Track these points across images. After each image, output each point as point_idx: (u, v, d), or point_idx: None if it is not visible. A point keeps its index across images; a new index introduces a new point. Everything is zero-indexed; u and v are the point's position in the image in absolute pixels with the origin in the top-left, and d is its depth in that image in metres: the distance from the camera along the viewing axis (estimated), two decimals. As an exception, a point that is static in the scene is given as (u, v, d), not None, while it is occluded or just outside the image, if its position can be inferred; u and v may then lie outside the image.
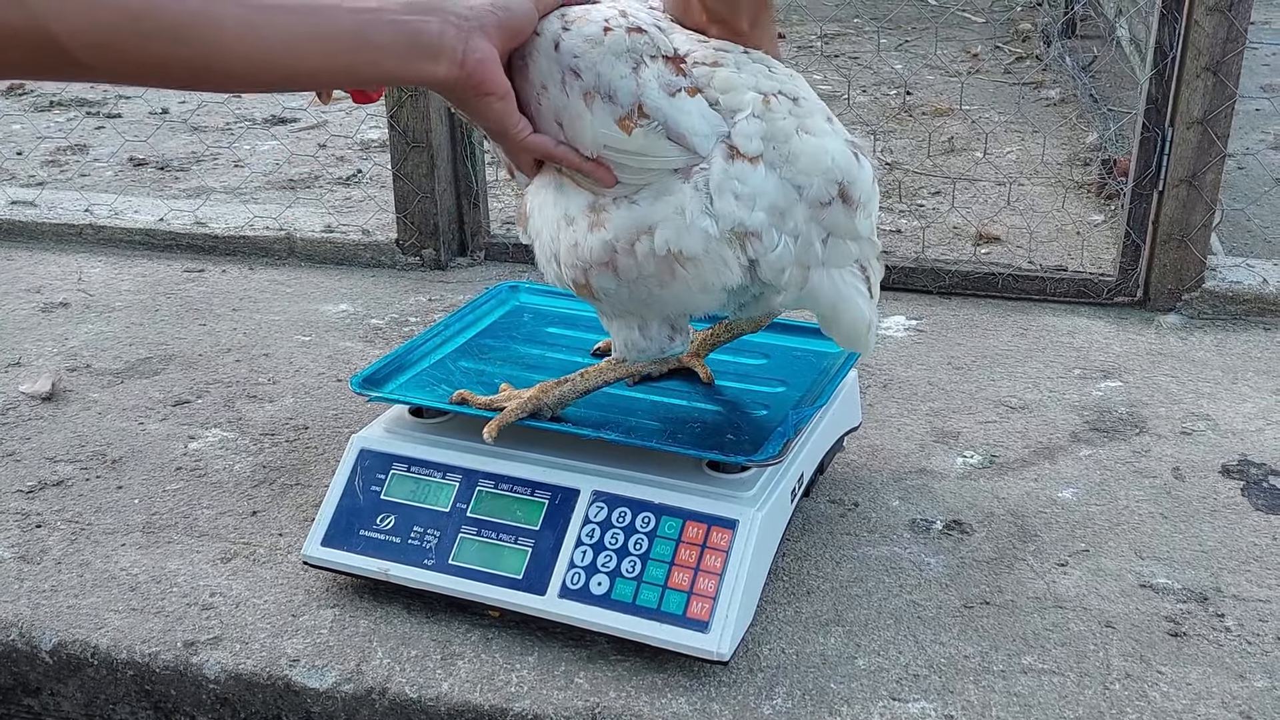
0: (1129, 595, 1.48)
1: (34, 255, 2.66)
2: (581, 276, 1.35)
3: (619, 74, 1.27)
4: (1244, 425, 1.87)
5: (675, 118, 1.26)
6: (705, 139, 1.27)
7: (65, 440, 1.88)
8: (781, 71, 1.34)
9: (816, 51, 4.54)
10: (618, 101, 1.27)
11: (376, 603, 1.48)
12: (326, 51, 1.13)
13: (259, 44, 1.07)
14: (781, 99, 1.29)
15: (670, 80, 1.27)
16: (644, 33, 1.28)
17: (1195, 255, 2.24)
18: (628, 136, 1.27)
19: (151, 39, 1.01)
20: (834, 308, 1.33)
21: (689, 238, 1.27)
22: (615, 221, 1.31)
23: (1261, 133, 3.47)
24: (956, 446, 1.82)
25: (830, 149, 1.28)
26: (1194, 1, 2.10)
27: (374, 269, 2.58)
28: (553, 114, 1.30)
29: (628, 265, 1.32)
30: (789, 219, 1.28)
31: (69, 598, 1.51)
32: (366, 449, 1.52)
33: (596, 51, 1.27)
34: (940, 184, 3.07)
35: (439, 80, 1.21)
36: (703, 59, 1.29)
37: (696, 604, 1.33)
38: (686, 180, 1.28)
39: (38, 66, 0.98)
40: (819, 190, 1.28)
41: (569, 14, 1.30)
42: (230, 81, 1.09)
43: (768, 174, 1.27)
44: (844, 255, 1.32)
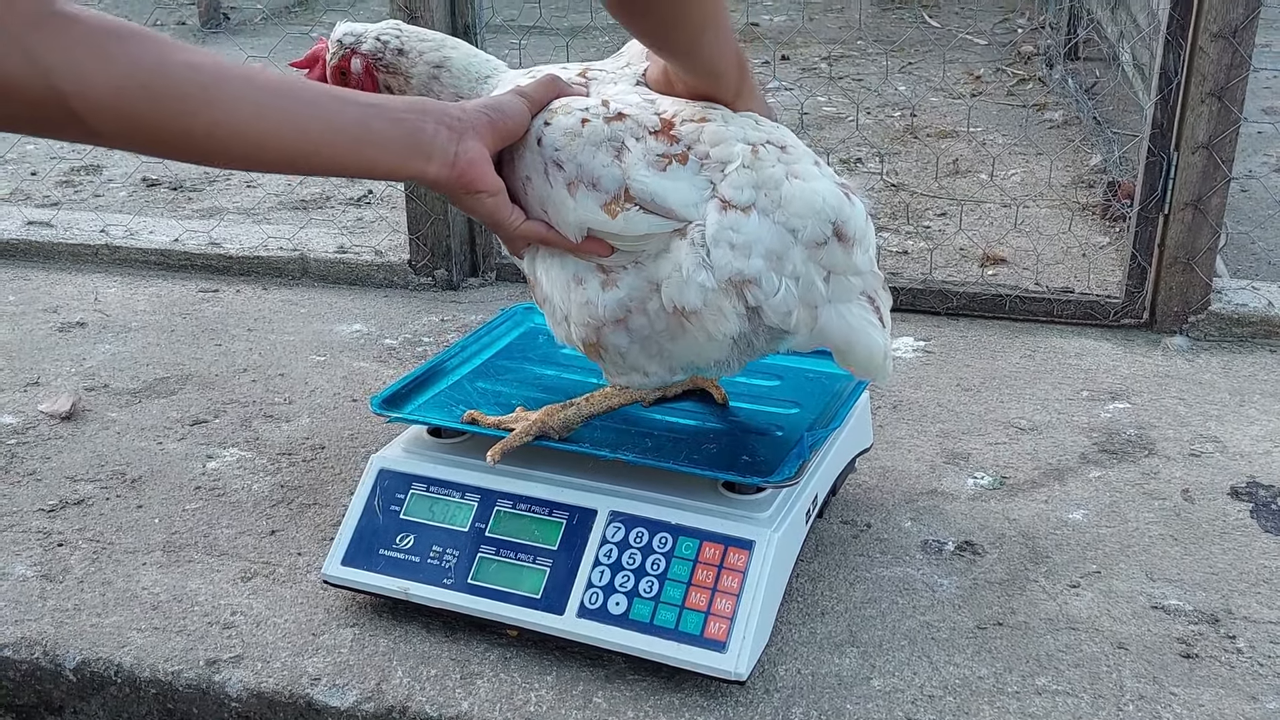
0: (1141, 617, 1.50)
1: (50, 275, 2.69)
2: (593, 335, 1.39)
3: (601, 163, 1.32)
4: (1252, 447, 1.89)
5: (663, 194, 1.31)
6: (694, 206, 1.31)
7: (85, 459, 1.90)
8: (768, 124, 1.38)
9: (821, 74, 4.57)
10: (602, 189, 1.32)
11: (396, 622, 1.50)
12: (331, 141, 1.16)
13: (268, 126, 1.11)
14: (769, 148, 1.33)
15: (659, 153, 1.32)
16: (625, 118, 1.33)
17: (1201, 278, 2.26)
18: (612, 220, 1.31)
19: (161, 109, 1.02)
20: (848, 341, 1.35)
21: (687, 292, 1.31)
22: (627, 280, 1.36)
23: (1265, 155, 3.49)
24: (967, 468, 1.84)
25: (821, 190, 1.31)
26: (1198, 28, 2.12)
27: (387, 289, 2.60)
28: (538, 203, 1.36)
29: (641, 323, 1.36)
30: (787, 262, 1.30)
31: (91, 616, 1.53)
32: (386, 469, 1.54)
33: (576, 144, 1.33)
34: (946, 206, 3.09)
35: (431, 179, 1.26)
36: (691, 116, 1.34)
37: (714, 624, 1.35)
38: (684, 237, 1.32)
39: (45, 125, 0.99)
40: (814, 231, 1.30)
41: (551, 106, 1.36)
42: (233, 158, 1.11)
43: (761, 220, 1.30)
44: (849, 290, 1.34)
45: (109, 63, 0.98)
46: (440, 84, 1.49)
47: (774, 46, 5.04)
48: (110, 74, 0.98)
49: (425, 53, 1.49)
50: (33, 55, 0.92)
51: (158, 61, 1.02)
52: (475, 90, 1.49)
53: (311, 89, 1.18)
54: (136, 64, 1.00)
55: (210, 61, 1.07)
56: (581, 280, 1.38)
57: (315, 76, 1.53)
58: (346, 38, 1.51)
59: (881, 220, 3.01)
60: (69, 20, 0.95)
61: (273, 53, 4.14)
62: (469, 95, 1.48)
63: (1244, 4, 2.09)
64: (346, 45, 1.51)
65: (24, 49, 0.92)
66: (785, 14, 5.83)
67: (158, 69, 1.02)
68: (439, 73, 1.49)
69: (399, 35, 1.50)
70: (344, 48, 1.51)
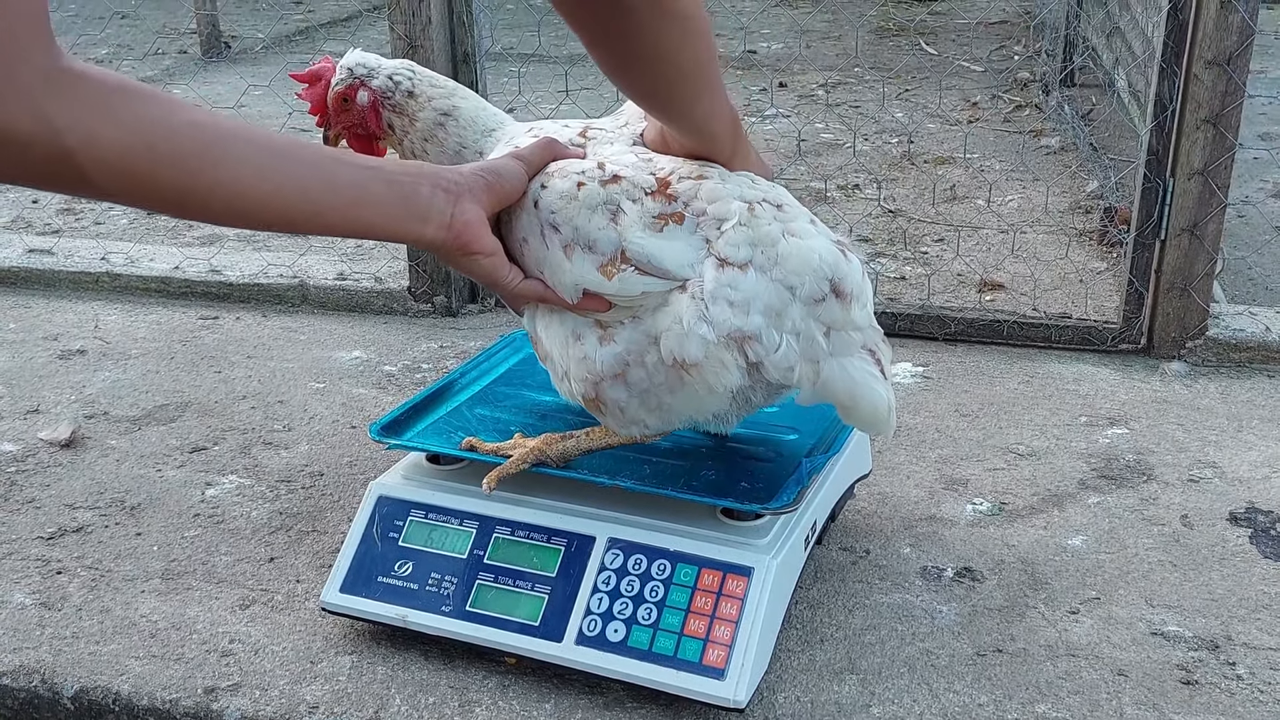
0: (1140, 643, 1.49)
1: (51, 303, 2.70)
2: (592, 390, 1.39)
3: (596, 226, 1.33)
4: (1250, 473, 1.89)
5: (659, 256, 1.32)
6: (690, 266, 1.32)
7: (84, 487, 1.90)
8: (764, 183, 1.39)
9: (819, 101, 4.60)
10: (598, 251, 1.33)
11: (394, 649, 1.49)
12: (330, 203, 1.18)
13: (269, 186, 1.12)
14: (765, 206, 1.35)
15: (655, 214, 1.33)
16: (621, 180, 1.35)
17: (1198, 304, 2.26)
18: (609, 281, 1.33)
19: (166, 168, 1.04)
20: (851, 395, 1.34)
21: (689, 344, 1.32)
22: (624, 334, 1.36)
23: (1261, 181, 3.51)
24: (966, 494, 1.84)
25: (817, 248, 1.32)
26: (1192, 55, 2.14)
27: (386, 316, 2.61)
28: (535, 264, 1.37)
29: (639, 376, 1.37)
30: (786, 318, 1.31)
31: (90, 644, 1.52)
32: (384, 495, 1.54)
33: (572, 207, 1.35)
34: (944, 231, 3.10)
35: (428, 240, 1.27)
36: (688, 174, 1.35)
37: (712, 651, 1.35)
38: (684, 291, 1.32)
39: (50, 179, 0.99)
40: (811, 288, 1.31)
41: (548, 170, 1.38)
42: (234, 217, 1.13)
43: (759, 278, 1.31)
44: (850, 344, 1.34)
45: (115, 121, 0.99)
46: (445, 131, 1.50)
47: (771, 74, 5.06)
48: (116, 132, 0.99)
49: (435, 99, 1.50)
50: (42, 111, 0.93)
51: (163, 120, 1.03)
52: (479, 143, 1.50)
53: (312, 150, 1.20)
54: (142, 122, 1.01)
55: (214, 121, 1.09)
56: (580, 336, 1.39)
57: (315, 95, 1.54)
58: (358, 68, 1.52)
59: (879, 246, 3.02)
60: (78, 77, 0.96)
61: (273, 81, 4.16)
62: (472, 146, 1.50)
63: (1237, 32, 2.10)
64: (357, 75, 1.51)
65: (34, 105, 0.93)
66: (783, 41, 5.86)
67: (163, 128, 1.03)
68: (445, 120, 1.50)
69: (411, 77, 1.51)
70: (353, 76, 1.51)
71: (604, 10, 1.10)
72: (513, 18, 6.04)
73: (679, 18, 1.13)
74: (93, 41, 5.92)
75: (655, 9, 1.10)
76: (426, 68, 1.55)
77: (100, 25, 6.30)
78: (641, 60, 1.17)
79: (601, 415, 1.43)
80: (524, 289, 1.37)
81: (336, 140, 1.56)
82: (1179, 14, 2.14)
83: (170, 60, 5.69)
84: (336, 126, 1.55)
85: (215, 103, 4.51)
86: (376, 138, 1.54)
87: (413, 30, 2.41)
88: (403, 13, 2.40)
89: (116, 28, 6.42)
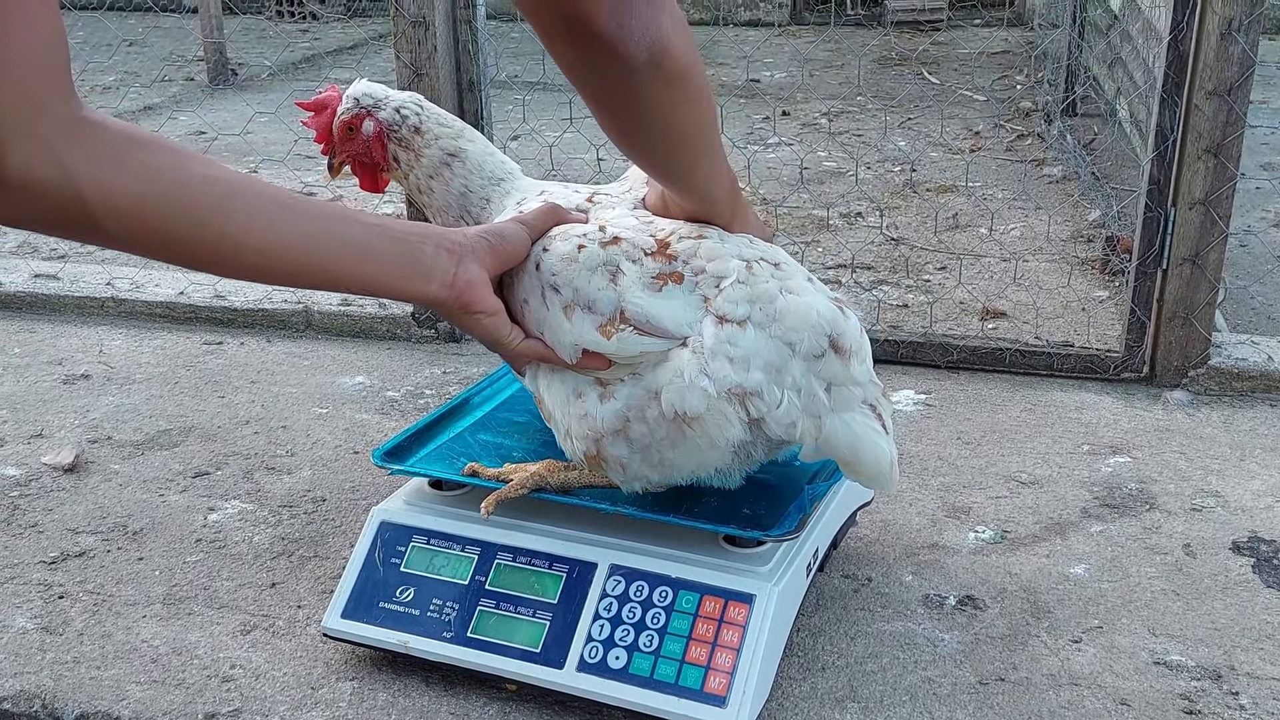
0: (1143, 672, 1.49)
1: (56, 328, 2.71)
2: (593, 447, 1.40)
3: (596, 287, 1.35)
4: (1253, 502, 1.89)
5: (657, 315, 1.34)
6: (688, 325, 1.33)
7: (87, 511, 1.90)
8: (762, 243, 1.41)
9: (822, 129, 4.62)
10: (598, 311, 1.35)
11: (395, 675, 1.49)
12: (335, 256, 1.20)
13: (275, 239, 1.14)
14: (763, 264, 1.36)
15: (654, 274, 1.35)
16: (621, 241, 1.37)
17: (1200, 333, 2.27)
18: (607, 341, 1.34)
19: (176, 217, 1.06)
20: (854, 450, 1.34)
21: (691, 397, 1.32)
22: (625, 390, 1.37)
23: (1263, 211, 3.52)
24: (968, 522, 1.84)
25: (815, 304, 1.33)
26: (1193, 86, 2.15)
27: (389, 342, 2.61)
28: (536, 325, 1.39)
29: (640, 432, 1.37)
30: (786, 375, 1.32)
31: (91, 669, 1.52)
32: (387, 521, 1.55)
33: (572, 269, 1.36)
34: (946, 259, 3.11)
35: (430, 298, 1.29)
36: (688, 234, 1.37)
37: (714, 678, 1.35)
38: (684, 345, 1.33)
39: (63, 225, 1.01)
40: (810, 344, 1.32)
41: (550, 234, 1.40)
42: (240, 269, 1.14)
43: (758, 334, 1.32)
44: (850, 399, 1.34)
45: (129, 170, 1.01)
46: (450, 171, 1.51)
47: (774, 102, 5.09)
48: (131, 182, 1.01)
49: (441, 138, 1.51)
50: (61, 160, 0.96)
51: (176, 172, 1.05)
52: (486, 189, 1.51)
53: (320, 206, 1.22)
54: (156, 172, 1.04)
55: (226, 175, 1.11)
56: (581, 394, 1.40)
57: (320, 124, 1.55)
58: (365, 98, 1.52)
59: (882, 274, 3.03)
60: (96, 127, 0.99)
61: (279, 109, 4.19)
62: (478, 191, 1.51)
63: (1238, 63, 2.12)
64: (363, 105, 1.52)
65: (54, 153, 0.95)
66: (785, 70, 5.89)
67: (176, 179, 1.05)
68: (451, 161, 1.51)
69: (419, 113, 1.51)
70: (360, 106, 1.52)
71: (610, 75, 1.12)
72: (518, 46, 6.08)
73: (681, 82, 1.16)
74: (100, 69, 5.96)
75: (658, 74, 1.12)
76: (432, 94, 1.57)
77: (108, 53, 6.35)
78: (645, 125, 1.20)
79: (604, 472, 1.44)
80: (525, 348, 1.39)
81: (340, 168, 1.57)
82: (1180, 45, 2.15)
83: (177, 87, 5.73)
84: (341, 155, 1.56)
85: (222, 129, 4.54)
86: (381, 168, 1.55)
87: (418, 58, 2.43)
88: (408, 41, 2.42)
89: (124, 55, 6.47)
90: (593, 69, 1.12)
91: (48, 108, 0.94)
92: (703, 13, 7.55)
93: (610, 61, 1.09)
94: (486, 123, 2.53)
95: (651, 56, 1.10)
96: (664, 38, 1.10)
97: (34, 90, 0.92)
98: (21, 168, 0.93)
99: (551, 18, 1.07)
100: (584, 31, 1.06)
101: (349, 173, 1.58)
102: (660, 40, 1.10)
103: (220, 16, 5.79)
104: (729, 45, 6.65)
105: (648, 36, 1.09)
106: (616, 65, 1.10)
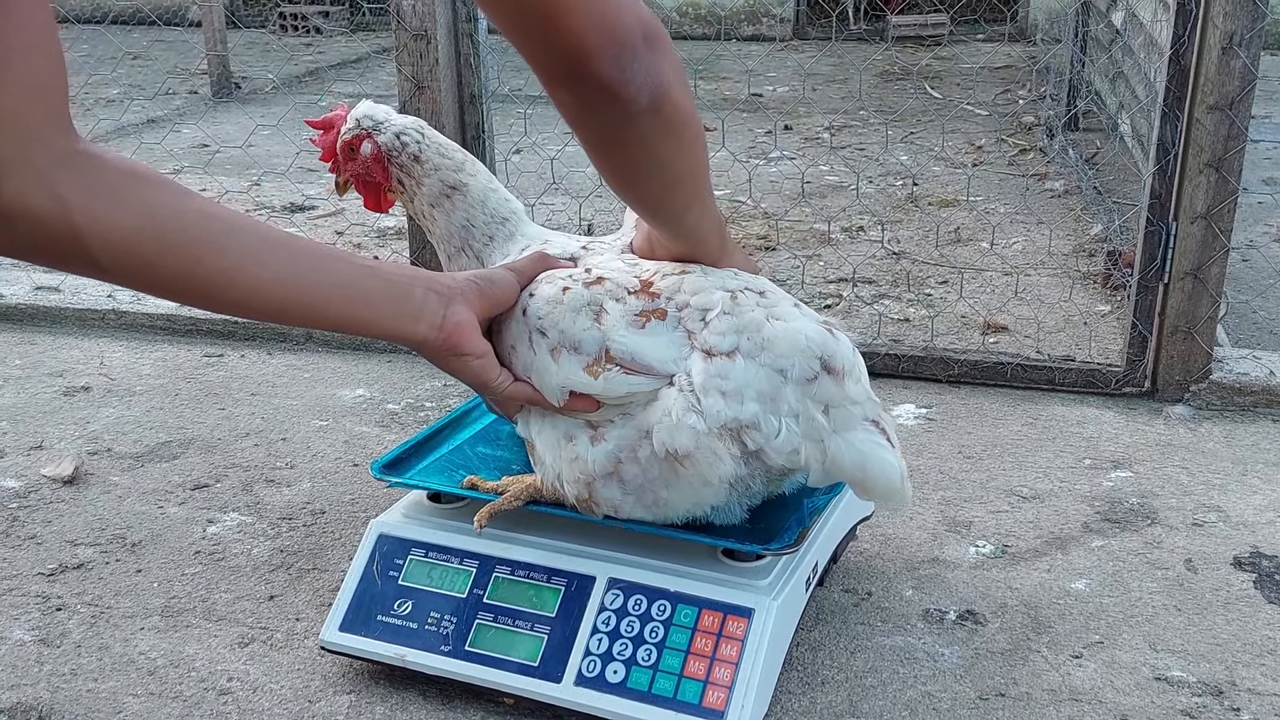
0: (1144, 688, 1.48)
1: (56, 339, 2.71)
2: (585, 491, 1.40)
3: (582, 327, 1.35)
4: (1255, 517, 1.88)
5: (643, 351, 1.33)
6: (673, 362, 1.33)
7: (86, 523, 1.90)
8: (746, 275, 1.40)
9: (824, 143, 4.62)
10: (584, 351, 1.35)
11: (392, 688, 1.49)
12: (326, 295, 1.20)
13: (268, 275, 1.14)
14: (748, 294, 1.35)
15: (638, 311, 1.35)
16: (605, 281, 1.37)
17: (1202, 347, 2.26)
18: (594, 381, 1.34)
19: (171, 254, 1.06)
20: (862, 469, 1.32)
21: (680, 435, 1.31)
22: (615, 432, 1.37)
23: (1265, 225, 3.51)
24: (969, 536, 1.83)
25: (803, 329, 1.32)
26: (1194, 100, 2.15)
27: (390, 354, 2.61)
28: (524, 370, 1.39)
29: (633, 472, 1.36)
30: (781, 402, 1.30)
31: (88, 682, 1.52)
32: (385, 534, 1.54)
33: (558, 311, 1.37)
34: (948, 274, 3.11)
35: (419, 339, 1.30)
36: (671, 271, 1.38)
37: (712, 693, 1.34)
38: (671, 384, 1.33)
39: (58, 256, 1.01)
40: (802, 368, 1.30)
41: (537, 279, 1.41)
42: (231, 305, 1.14)
43: (747, 364, 1.31)
44: (851, 419, 1.33)
45: (125, 204, 1.01)
46: (452, 204, 1.51)
47: (777, 116, 5.10)
48: (124, 215, 1.01)
49: (441, 169, 1.51)
50: (57, 192, 0.96)
51: (172, 207, 1.05)
52: (490, 227, 1.52)
53: (314, 246, 1.22)
54: (151, 208, 1.03)
55: (222, 212, 1.11)
56: (571, 437, 1.39)
57: (326, 142, 1.56)
58: (365, 120, 1.53)
59: (883, 288, 3.03)
60: (92, 159, 0.99)
61: (282, 121, 4.20)
62: (481, 227, 1.51)
63: (1239, 77, 2.12)
64: (364, 127, 1.52)
65: (50, 186, 0.95)
66: (788, 85, 5.90)
67: (171, 214, 1.05)
68: (452, 194, 1.51)
69: (419, 141, 1.51)
70: (360, 128, 1.53)
71: (610, 121, 1.12)
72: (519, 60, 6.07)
73: (680, 128, 1.16)
74: (104, 82, 5.98)
75: (658, 119, 1.13)
76: (434, 107, 1.56)
77: (112, 66, 6.37)
78: (643, 169, 1.20)
79: (596, 516, 1.43)
80: (514, 391, 1.39)
81: (345, 187, 1.58)
82: (1181, 59, 2.15)
83: (181, 100, 5.75)
84: (345, 174, 1.56)
85: (224, 142, 4.55)
86: (385, 188, 1.55)
87: (420, 72, 2.43)
88: (410, 54, 2.43)
89: (128, 68, 6.49)
90: (593, 114, 1.12)
91: (45, 139, 0.94)
92: (706, 27, 7.57)
93: (611, 106, 1.10)
94: (488, 136, 2.53)
95: (652, 102, 1.11)
96: (664, 84, 1.11)
97: (32, 121, 0.92)
98: (16, 197, 0.93)
99: (553, 63, 1.08)
100: (585, 76, 1.07)
101: (354, 192, 1.58)
102: (661, 86, 1.11)
103: (224, 30, 5.81)
104: (732, 59, 6.67)
105: (650, 82, 1.09)
106: (617, 110, 1.10)
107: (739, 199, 3.82)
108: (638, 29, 1.08)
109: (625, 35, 1.07)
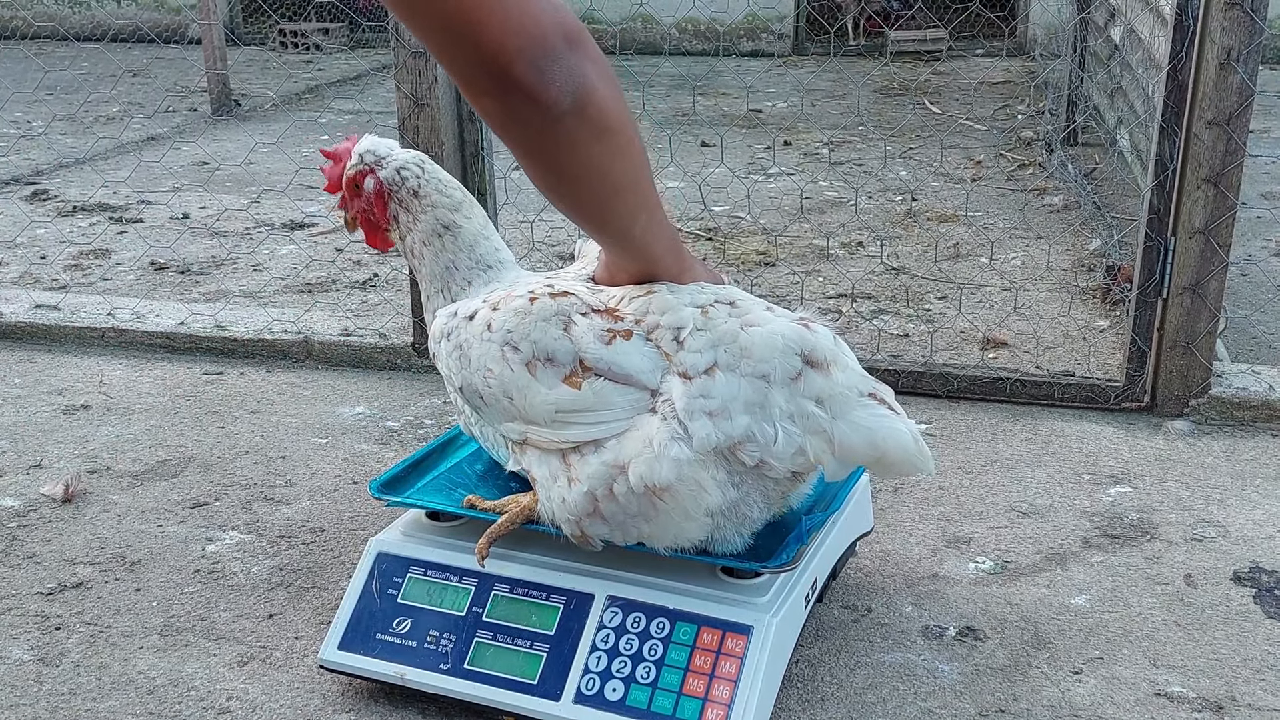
0: (1144, 704, 1.48)
1: (56, 358, 2.71)
2: (576, 529, 1.40)
3: (552, 336, 1.35)
4: (1255, 532, 1.88)
5: (618, 361, 1.33)
6: (651, 374, 1.33)
7: (85, 542, 1.90)
8: (714, 287, 1.39)
9: (823, 159, 4.63)
10: (559, 362, 1.35)
11: (392, 707, 1.48)
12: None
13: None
14: (719, 306, 1.35)
15: (604, 329, 1.34)
16: (571, 294, 1.37)
17: (1201, 362, 2.26)
18: (578, 392, 1.33)
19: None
20: (874, 444, 1.31)
21: (660, 468, 1.30)
22: (587, 471, 1.35)
23: (1264, 240, 3.52)
24: (968, 552, 1.83)
25: (778, 330, 1.32)
26: (1193, 116, 2.16)
27: (390, 372, 2.61)
28: (502, 392, 1.38)
29: (612, 510, 1.36)
30: (771, 407, 1.30)
31: (87, 701, 1.51)
32: (384, 552, 1.54)
33: (527, 321, 1.37)
34: (947, 289, 3.11)
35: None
36: (636, 294, 1.38)
37: (712, 711, 1.34)
38: (652, 412, 1.32)
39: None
40: (784, 368, 1.30)
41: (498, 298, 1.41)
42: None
43: (728, 378, 1.30)
44: (848, 401, 1.32)
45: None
46: (441, 243, 1.52)
47: (776, 132, 5.11)
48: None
49: (438, 207, 1.52)
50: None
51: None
52: (471, 274, 1.52)
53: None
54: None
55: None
56: (555, 477, 1.39)
57: (334, 174, 1.56)
58: (368, 155, 1.53)
59: (882, 303, 3.03)
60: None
61: (281, 139, 4.21)
62: (463, 273, 1.52)
63: (1237, 92, 2.12)
64: (366, 163, 1.53)
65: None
66: (787, 100, 5.92)
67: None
68: (444, 234, 1.52)
69: (420, 176, 1.52)
70: (363, 164, 1.53)
71: (534, 125, 1.13)
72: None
73: (609, 133, 1.17)
74: (104, 99, 5.99)
75: (583, 122, 1.14)
76: (432, 124, 1.57)
77: (112, 83, 6.39)
78: (574, 177, 1.21)
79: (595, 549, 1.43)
80: None
81: (354, 223, 1.58)
82: (1179, 74, 2.16)
83: (180, 118, 5.76)
84: (352, 210, 1.57)
85: (224, 159, 4.56)
86: (384, 228, 1.56)
87: (419, 89, 2.44)
88: (409, 71, 2.43)
89: (128, 85, 6.51)
90: (516, 119, 1.12)
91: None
92: (705, 43, 7.59)
93: (533, 110, 1.10)
94: (487, 153, 2.54)
95: (575, 103, 1.11)
96: (587, 85, 1.12)
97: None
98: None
99: (475, 72, 1.08)
100: (506, 81, 1.07)
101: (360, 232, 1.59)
102: (584, 87, 1.11)
103: (224, 48, 5.82)
104: (731, 75, 6.69)
105: (572, 84, 1.10)
106: (539, 114, 1.11)
107: (738, 215, 3.83)
108: (557, 30, 1.09)
109: (543, 37, 1.08)
